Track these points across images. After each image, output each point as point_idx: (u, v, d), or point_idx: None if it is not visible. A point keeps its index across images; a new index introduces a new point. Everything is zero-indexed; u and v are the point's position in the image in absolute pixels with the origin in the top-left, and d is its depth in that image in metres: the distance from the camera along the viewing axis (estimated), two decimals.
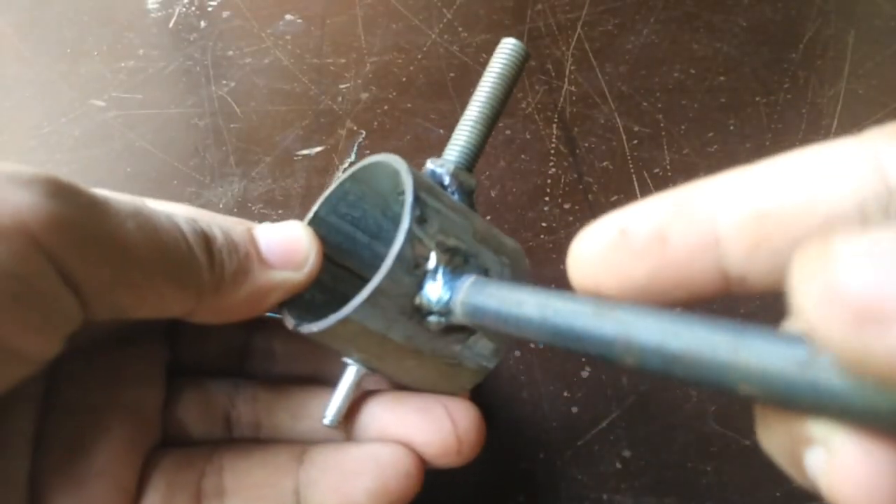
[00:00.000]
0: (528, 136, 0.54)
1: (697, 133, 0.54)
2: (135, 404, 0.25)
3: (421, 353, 0.24)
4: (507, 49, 0.29)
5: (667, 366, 0.16)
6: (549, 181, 0.50)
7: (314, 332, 0.23)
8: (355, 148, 0.53)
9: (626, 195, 0.49)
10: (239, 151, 0.53)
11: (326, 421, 0.25)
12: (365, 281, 0.26)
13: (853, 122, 0.55)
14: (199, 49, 0.62)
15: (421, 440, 0.25)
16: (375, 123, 0.55)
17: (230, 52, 0.61)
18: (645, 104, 0.56)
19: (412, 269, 0.23)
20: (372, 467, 0.24)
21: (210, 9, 0.66)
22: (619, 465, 0.36)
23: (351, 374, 0.25)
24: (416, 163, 0.52)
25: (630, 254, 0.18)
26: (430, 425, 0.25)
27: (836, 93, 0.57)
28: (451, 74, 0.59)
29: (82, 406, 0.25)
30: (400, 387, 0.27)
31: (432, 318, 0.23)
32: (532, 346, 0.41)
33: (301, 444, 0.26)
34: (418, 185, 0.24)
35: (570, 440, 0.37)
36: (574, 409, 0.38)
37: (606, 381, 0.39)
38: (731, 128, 0.54)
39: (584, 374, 0.40)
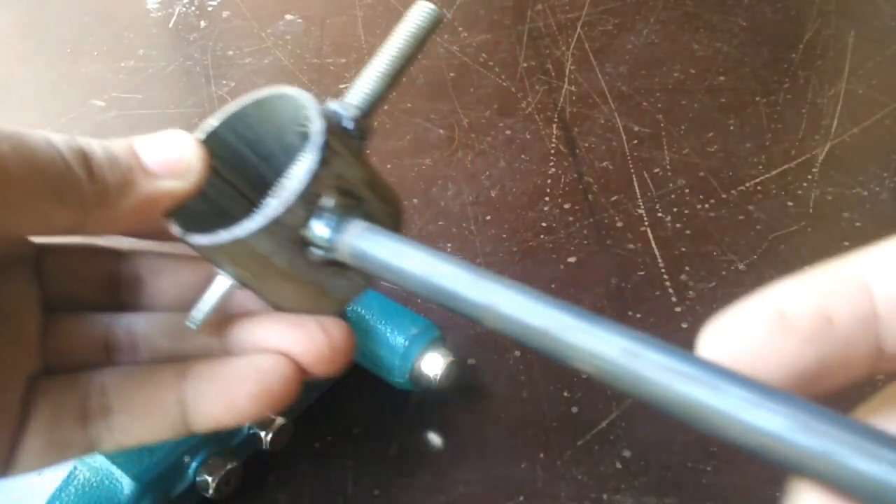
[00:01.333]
0: (528, 136, 0.54)
1: (697, 133, 0.54)
2: (9, 334, 0.26)
3: (297, 278, 0.26)
4: (420, 11, 0.30)
5: (522, 335, 0.19)
6: (549, 181, 0.50)
7: (203, 244, 0.24)
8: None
9: (626, 195, 0.49)
10: None
11: (191, 322, 0.25)
12: (247, 199, 0.28)
13: (853, 122, 0.55)
14: (199, 49, 0.62)
15: (297, 350, 0.27)
16: (375, 123, 0.54)
17: (230, 52, 0.61)
18: (645, 104, 0.56)
19: (309, 205, 0.24)
20: (254, 374, 0.26)
21: (210, 9, 0.66)
22: (619, 465, 0.36)
23: (222, 283, 0.26)
24: (415, 161, 0.52)
25: (796, 339, 0.17)
26: (304, 337, 0.27)
27: (836, 93, 0.57)
28: (451, 74, 0.59)
29: None
30: (270, 307, 0.29)
31: (316, 251, 0.25)
32: None
33: (183, 362, 0.27)
34: (327, 127, 0.26)
35: (570, 440, 0.37)
36: (574, 409, 0.38)
37: None
38: (731, 128, 0.54)
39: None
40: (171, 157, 0.25)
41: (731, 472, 0.36)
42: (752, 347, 0.17)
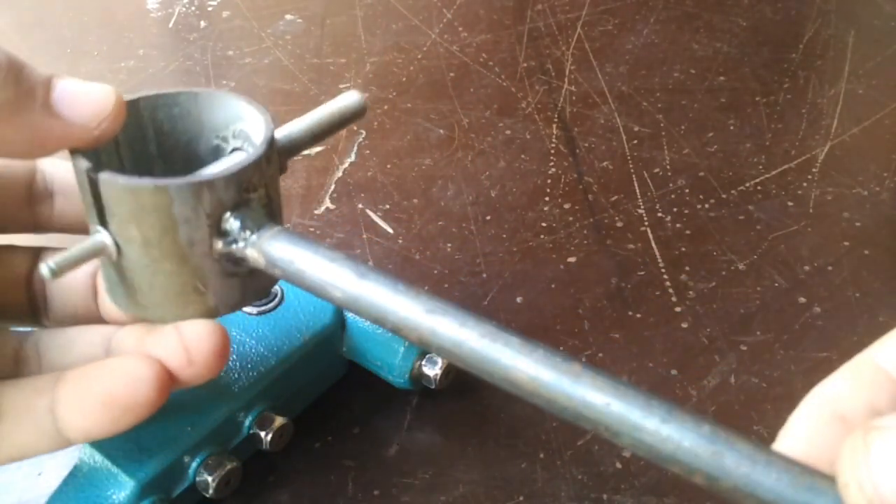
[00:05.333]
0: (528, 136, 0.54)
1: (697, 133, 0.54)
2: None
3: (186, 262, 0.25)
4: (349, 96, 0.32)
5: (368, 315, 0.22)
6: (549, 181, 0.50)
7: (119, 184, 0.23)
8: (355, 148, 0.53)
9: (626, 195, 0.49)
10: None
11: (45, 268, 0.23)
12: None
13: (853, 122, 0.55)
14: (199, 49, 0.62)
15: (154, 355, 0.25)
16: (375, 123, 0.55)
17: (230, 52, 0.61)
18: (645, 104, 0.56)
19: (242, 190, 0.24)
20: (104, 378, 0.25)
21: (210, 9, 0.66)
22: (619, 465, 0.36)
23: (97, 240, 0.24)
24: (415, 161, 0.52)
25: None
26: (158, 339, 0.26)
27: (836, 93, 0.57)
28: (451, 74, 0.59)
29: None
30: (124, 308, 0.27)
31: (226, 240, 0.25)
32: None
33: (65, 370, 0.26)
34: (273, 129, 0.26)
35: (570, 440, 0.37)
36: None
37: None
38: (731, 128, 0.54)
39: None
40: (83, 101, 0.24)
41: None
42: (825, 450, 0.20)
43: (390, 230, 0.47)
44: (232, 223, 0.24)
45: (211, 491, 0.32)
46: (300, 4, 0.66)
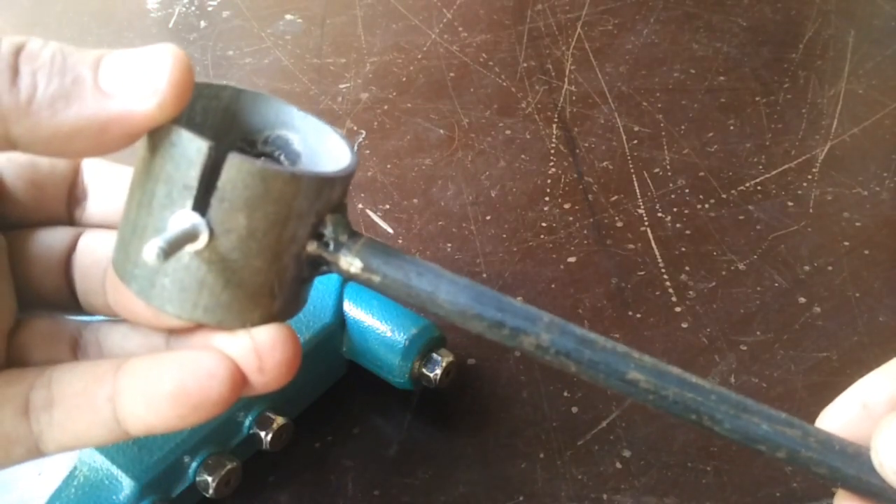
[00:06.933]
0: (528, 136, 0.54)
1: (697, 133, 0.54)
2: None
3: (276, 261, 0.24)
4: None
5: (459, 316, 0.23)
6: (549, 181, 0.50)
7: (253, 168, 0.22)
8: (355, 148, 0.53)
9: (626, 195, 0.49)
10: None
11: (153, 251, 0.21)
12: None
13: (853, 122, 0.55)
14: (199, 49, 0.62)
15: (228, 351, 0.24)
16: (375, 123, 0.55)
17: (230, 52, 0.61)
18: (645, 104, 0.56)
19: (343, 193, 0.24)
20: (174, 370, 0.23)
21: (210, 9, 0.66)
22: (619, 465, 0.36)
23: (195, 225, 0.22)
24: (415, 161, 0.52)
25: (874, 423, 0.23)
26: (229, 339, 0.24)
27: (836, 93, 0.57)
28: (451, 74, 0.59)
29: None
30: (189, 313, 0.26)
31: (320, 242, 0.24)
32: None
33: (126, 357, 0.25)
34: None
35: (570, 440, 0.37)
36: (574, 409, 0.38)
37: None
38: (731, 128, 0.54)
39: None
40: (131, 72, 0.22)
41: (731, 472, 0.36)
42: (847, 429, 0.24)
43: (390, 230, 0.47)
44: (328, 225, 0.24)
45: (211, 491, 0.32)
46: (300, 4, 0.66)
